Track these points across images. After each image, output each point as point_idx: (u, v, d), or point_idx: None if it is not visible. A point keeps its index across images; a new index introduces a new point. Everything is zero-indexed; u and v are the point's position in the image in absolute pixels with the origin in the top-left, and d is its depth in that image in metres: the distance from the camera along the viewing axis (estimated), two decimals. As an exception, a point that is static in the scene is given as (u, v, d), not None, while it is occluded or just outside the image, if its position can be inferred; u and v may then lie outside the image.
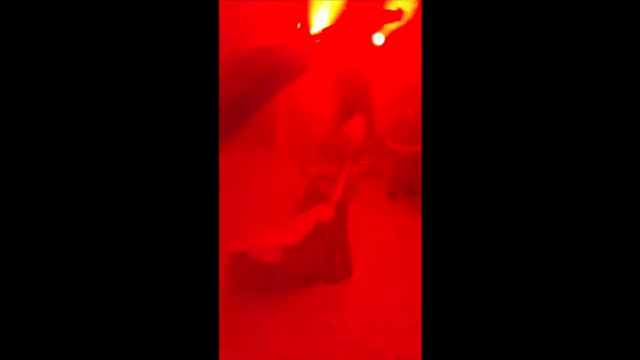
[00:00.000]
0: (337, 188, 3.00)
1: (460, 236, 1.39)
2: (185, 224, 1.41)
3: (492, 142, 1.37)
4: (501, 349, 1.36)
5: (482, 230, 1.37)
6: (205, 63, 1.44)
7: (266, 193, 3.45)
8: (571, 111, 1.33)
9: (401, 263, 3.23)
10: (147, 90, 1.39)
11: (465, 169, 1.39)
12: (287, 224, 3.05)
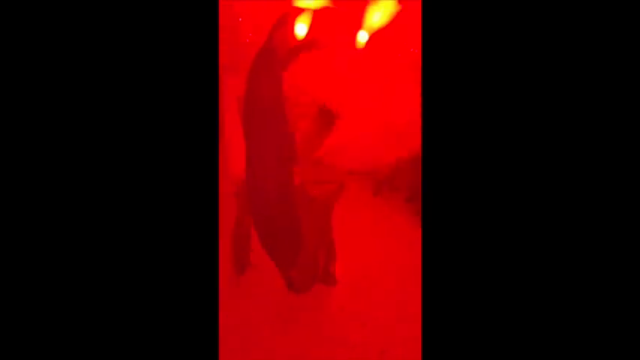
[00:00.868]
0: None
1: (460, 236, 1.40)
2: (185, 224, 1.40)
3: (493, 143, 1.38)
4: (501, 349, 1.36)
5: (481, 230, 1.39)
6: (205, 63, 1.43)
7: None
8: (572, 111, 1.33)
9: (399, 262, 3.26)
10: (147, 90, 1.38)
11: (465, 169, 1.40)
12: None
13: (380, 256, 3.40)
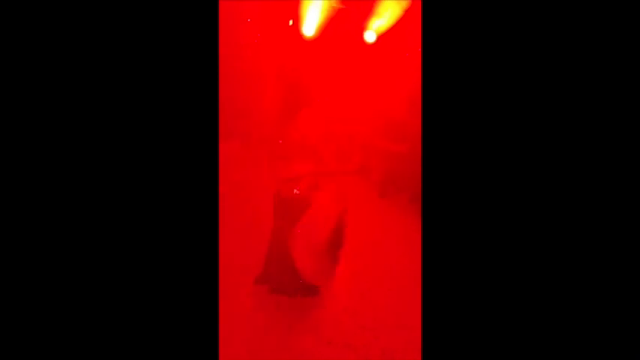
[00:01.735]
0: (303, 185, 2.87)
1: (460, 236, 1.39)
2: (185, 224, 1.40)
3: (493, 144, 1.38)
4: (501, 349, 1.36)
5: (482, 231, 1.38)
6: (205, 63, 1.42)
7: (265, 193, 3.46)
8: (572, 111, 1.33)
9: (399, 262, 3.26)
10: (147, 90, 1.38)
11: (465, 170, 1.39)
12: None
13: (383, 257, 3.42)
